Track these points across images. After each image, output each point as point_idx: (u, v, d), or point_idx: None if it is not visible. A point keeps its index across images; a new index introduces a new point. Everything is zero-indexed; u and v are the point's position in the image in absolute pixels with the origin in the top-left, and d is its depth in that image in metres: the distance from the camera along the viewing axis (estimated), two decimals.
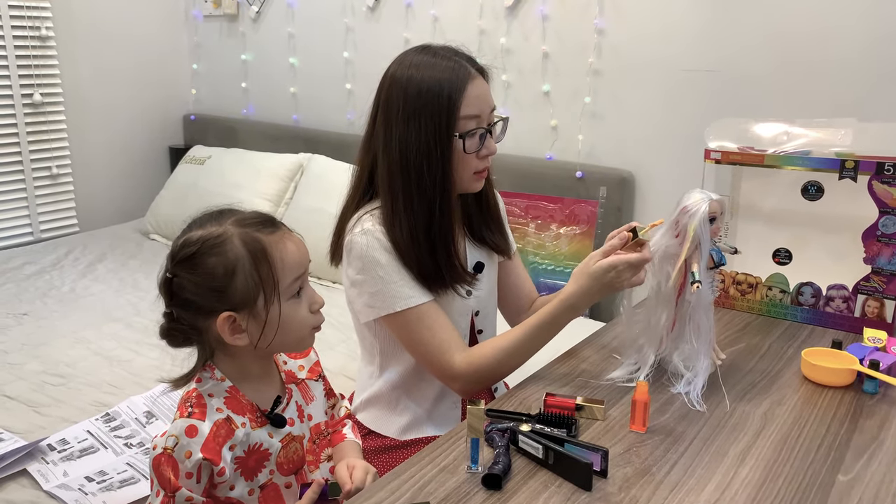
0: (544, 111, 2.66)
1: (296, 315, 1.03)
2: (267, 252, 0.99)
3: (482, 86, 1.31)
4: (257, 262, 0.98)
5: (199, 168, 3.34)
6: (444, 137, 1.28)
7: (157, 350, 2.14)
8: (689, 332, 1.26)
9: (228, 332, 0.99)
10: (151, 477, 0.98)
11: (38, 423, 1.75)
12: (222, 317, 0.98)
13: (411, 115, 1.28)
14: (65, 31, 3.34)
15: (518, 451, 1.06)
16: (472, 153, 1.30)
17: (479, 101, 1.29)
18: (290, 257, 1.01)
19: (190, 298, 0.99)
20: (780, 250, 1.60)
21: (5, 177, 3.23)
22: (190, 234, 1.00)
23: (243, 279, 0.98)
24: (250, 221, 1.01)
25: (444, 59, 1.30)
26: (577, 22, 2.52)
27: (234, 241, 0.98)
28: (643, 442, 1.11)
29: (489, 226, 1.46)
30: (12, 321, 2.35)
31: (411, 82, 1.29)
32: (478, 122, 1.30)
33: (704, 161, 1.65)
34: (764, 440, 1.12)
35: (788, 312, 1.60)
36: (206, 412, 1.00)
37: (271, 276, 0.99)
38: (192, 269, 0.98)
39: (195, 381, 1.04)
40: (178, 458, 0.96)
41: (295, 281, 1.02)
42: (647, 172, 2.49)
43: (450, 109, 1.27)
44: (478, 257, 1.45)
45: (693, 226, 1.21)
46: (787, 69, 2.18)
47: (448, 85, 1.27)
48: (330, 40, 3.22)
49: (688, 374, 1.26)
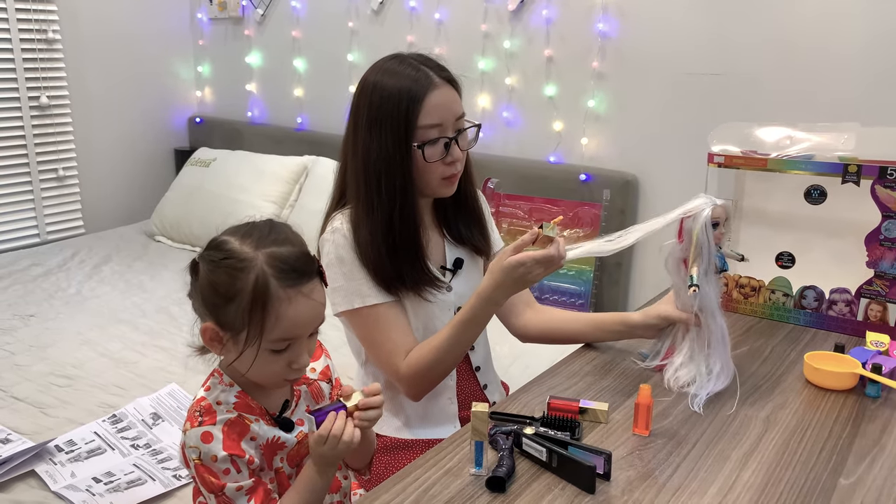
0: (548, 114, 2.67)
1: (268, 367, 1.01)
2: (268, 303, 0.97)
3: (445, 95, 1.30)
4: (254, 305, 0.97)
5: (205, 170, 3.35)
6: (402, 147, 1.30)
7: (162, 352, 2.15)
8: (703, 338, 1.27)
9: (208, 339, 1.02)
10: (201, 487, 1.02)
11: (45, 424, 1.76)
12: (206, 325, 1.01)
13: (373, 123, 1.31)
14: (71, 34, 3.36)
15: (522, 453, 1.07)
16: (434, 161, 1.31)
17: (441, 110, 1.29)
18: (287, 320, 0.99)
19: (197, 291, 1.03)
20: (784, 254, 1.61)
21: (12, 178, 3.25)
22: (231, 239, 1.01)
23: (235, 310, 0.98)
24: (279, 264, 0.99)
25: (408, 68, 1.31)
26: (580, 26, 2.53)
27: (249, 274, 0.98)
28: (646, 445, 1.12)
29: (468, 225, 1.46)
30: (19, 322, 2.36)
31: (375, 89, 1.32)
32: (440, 131, 1.30)
33: (708, 165, 1.65)
34: (766, 444, 1.12)
35: (791, 316, 1.60)
36: (215, 417, 1.02)
37: (260, 325, 0.98)
38: (209, 271, 1.00)
39: (204, 390, 1.06)
40: (208, 464, 0.99)
41: (282, 340, 1.00)
42: (651, 175, 2.49)
43: (408, 119, 1.28)
44: (459, 254, 1.46)
45: (696, 231, 1.22)
46: (790, 73, 2.19)
47: (407, 95, 1.28)
48: (334, 43, 3.23)
49: (701, 378, 1.27)
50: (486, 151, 2.77)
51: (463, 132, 1.34)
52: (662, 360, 1.34)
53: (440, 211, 1.45)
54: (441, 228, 1.45)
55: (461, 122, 1.34)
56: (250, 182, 3.14)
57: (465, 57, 2.81)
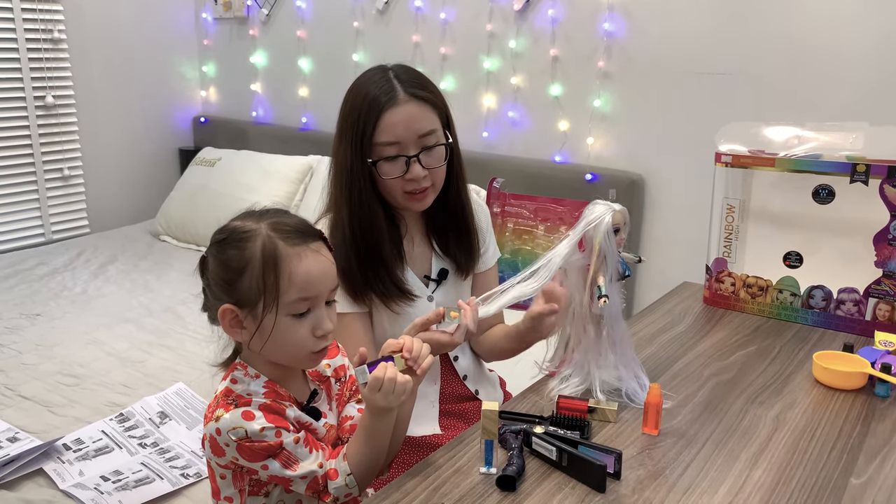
0: (553, 114, 2.66)
1: (292, 333, 1.01)
2: (278, 262, 0.99)
3: (407, 112, 1.29)
4: (266, 268, 0.99)
5: (210, 170, 3.35)
6: (358, 161, 1.30)
7: (169, 351, 2.16)
8: (605, 346, 1.25)
9: (227, 324, 1.02)
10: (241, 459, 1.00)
11: (52, 423, 1.76)
12: (222, 308, 1.01)
13: (341, 133, 1.33)
14: (77, 33, 3.36)
15: (531, 452, 1.07)
16: (392, 178, 1.31)
17: (398, 129, 1.28)
18: (299, 275, 1.00)
19: (210, 280, 1.04)
20: (791, 253, 1.60)
21: (17, 178, 3.25)
22: (233, 221, 1.05)
23: (249, 281, 1.00)
24: (283, 228, 1.02)
25: (379, 80, 1.31)
26: (586, 25, 2.53)
27: (255, 241, 1.00)
28: (656, 444, 1.11)
29: (456, 238, 1.44)
30: (26, 322, 2.37)
31: (346, 99, 1.33)
32: (398, 149, 1.29)
33: (715, 164, 1.65)
34: (776, 443, 1.12)
35: (799, 315, 1.60)
36: (250, 401, 1.03)
37: (275, 286, 0.99)
38: (217, 254, 1.02)
39: (230, 382, 1.06)
40: (256, 438, 0.98)
41: (301, 300, 1.01)
42: (657, 175, 2.49)
43: (363, 135, 1.29)
44: (445, 265, 1.45)
45: (598, 239, 1.19)
46: (798, 72, 2.19)
47: (366, 110, 1.29)
48: (339, 43, 3.23)
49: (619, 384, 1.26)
50: (492, 151, 2.78)
51: (428, 150, 1.31)
52: (558, 367, 1.31)
53: (430, 220, 1.44)
54: (429, 238, 1.45)
55: (426, 140, 1.31)
56: (255, 182, 3.14)
57: (471, 57, 2.81)
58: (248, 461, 1.00)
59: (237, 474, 1.05)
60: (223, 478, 1.06)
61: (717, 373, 1.36)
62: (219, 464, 1.04)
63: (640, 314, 1.68)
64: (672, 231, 2.49)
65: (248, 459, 1.00)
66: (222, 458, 1.02)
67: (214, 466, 1.06)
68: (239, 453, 1.00)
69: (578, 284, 1.24)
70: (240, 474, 1.05)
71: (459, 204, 1.43)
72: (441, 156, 1.34)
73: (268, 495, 1.09)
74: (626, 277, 1.27)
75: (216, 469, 1.06)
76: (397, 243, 1.38)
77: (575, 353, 1.28)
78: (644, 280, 2.57)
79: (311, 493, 1.04)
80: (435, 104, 1.33)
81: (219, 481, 1.07)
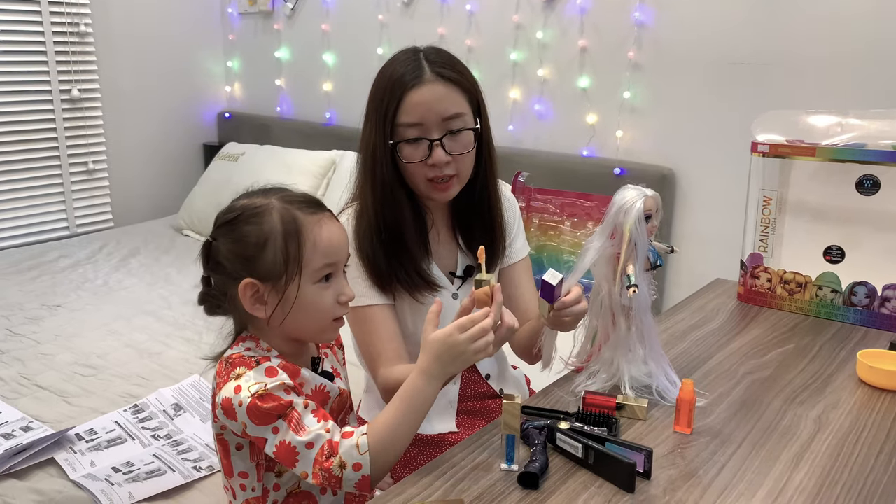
0: (581, 107, 2.60)
1: (318, 300, 1.02)
2: (300, 230, 0.99)
3: (432, 92, 1.22)
4: (288, 238, 0.99)
5: (233, 164, 3.34)
6: (381, 142, 1.25)
7: (187, 344, 2.13)
8: (633, 340, 1.18)
9: (249, 300, 1.00)
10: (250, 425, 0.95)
11: (67, 413, 1.74)
12: (245, 282, 0.99)
13: (368, 114, 1.28)
14: (103, 28, 3.37)
15: (555, 449, 1.02)
16: (413, 162, 1.25)
17: (421, 109, 1.22)
18: (323, 241, 1.01)
19: (222, 262, 1.01)
20: (832, 248, 1.53)
21: (43, 171, 3.26)
22: (236, 202, 1.04)
23: (272, 252, 0.98)
24: (295, 200, 1.03)
25: (408, 60, 1.25)
26: (616, 15, 2.47)
27: (272, 214, 1.00)
28: (688, 443, 1.05)
29: (481, 237, 1.36)
30: (46, 312, 2.36)
31: (375, 81, 1.28)
32: (421, 131, 1.23)
33: (751, 154, 1.58)
34: (819, 444, 1.05)
35: (840, 313, 1.52)
36: (269, 359, 1.01)
37: (299, 254, 0.99)
38: (230, 233, 1.01)
39: (244, 350, 1.03)
40: (275, 392, 0.96)
41: (324, 266, 1.01)
42: (689, 169, 2.42)
43: (386, 115, 1.23)
44: (471, 262, 1.38)
45: (629, 225, 1.12)
46: (839, 58, 2.10)
47: (391, 89, 1.23)
48: (364, 37, 3.19)
49: (649, 380, 1.19)
50: (517, 145, 2.73)
51: (453, 134, 1.25)
52: (584, 362, 1.25)
53: (456, 216, 1.38)
54: (455, 233, 1.38)
55: (451, 123, 1.24)
56: (278, 176, 3.06)
57: (497, 49, 2.76)
58: (258, 425, 0.95)
59: (253, 445, 1.01)
60: (239, 449, 1.02)
61: (753, 371, 1.30)
62: (234, 431, 1.00)
63: (670, 310, 1.61)
64: (703, 226, 2.42)
65: (257, 423, 0.95)
66: (237, 424, 0.97)
67: (229, 437, 1.02)
68: (249, 417, 0.95)
69: (607, 274, 1.18)
70: (256, 446, 1.01)
71: (486, 197, 1.35)
72: (468, 142, 1.27)
73: (280, 475, 1.05)
74: (657, 267, 1.20)
75: (231, 440, 1.02)
76: (423, 236, 1.33)
77: (603, 348, 1.22)
78: (674, 277, 2.49)
79: (321, 480, 0.96)
80: (464, 87, 1.27)
81: (233, 456, 1.03)
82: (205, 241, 1.04)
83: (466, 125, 1.26)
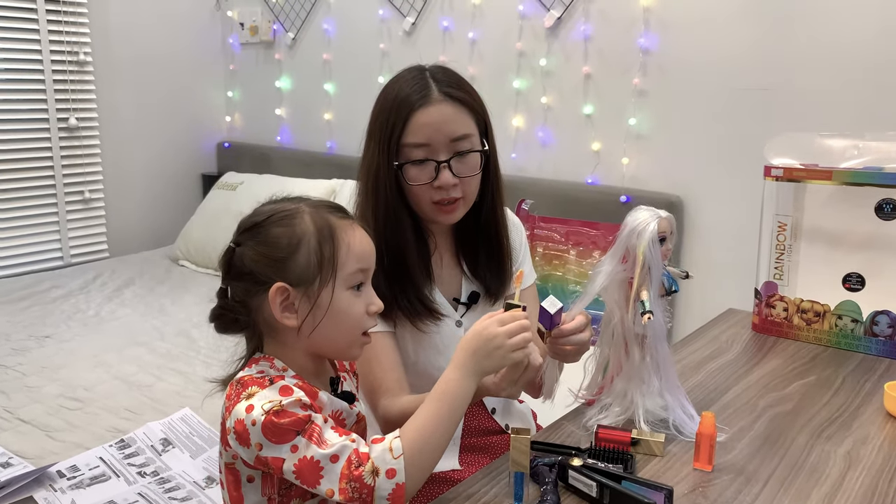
0: (586, 134, 2.56)
1: (350, 308, 0.97)
2: (335, 233, 0.96)
3: (439, 112, 1.19)
4: (322, 241, 0.95)
5: (231, 194, 3.29)
6: (385, 164, 1.20)
7: (178, 376, 2.05)
8: (648, 370, 1.11)
9: (279, 307, 0.93)
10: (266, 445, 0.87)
11: (50, 448, 1.66)
12: (275, 287, 0.92)
13: (370, 133, 1.24)
14: (103, 57, 3.35)
15: (567, 488, 0.95)
16: (419, 185, 1.20)
17: (429, 130, 1.18)
18: (357, 245, 0.97)
19: (248, 267, 0.95)
20: (851, 275, 1.46)
21: (38, 200, 3.21)
22: (262, 207, 1.00)
23: (306, 255, 0.94)
24: (324, 205, 1.00)
25: (413, 79, 1.21)
26: (620, 41, 2.44)
27: (304, 217, 0.96)
28: (710, 481, 0.98)
29: (486, 262, 1.32)
30: (34, 343, 2.28)
31: (378, 98, 1.24)
32: (427, 152, 1.19)
33: (764, 179, 1.52)
34: (851, 483, 0.98)
35: (861, 344, 1.45)
36: (283, 378, 0.94)
37: (333, 258, 0.95)
38: (257, 237, 0.96)
39: (256, 372, 0.96)
40: (291, 409, 0.88)
41: (357, 272, 0.97)
42: (697, 196, 2.37)
43: (391, 135, 1.19)
44: (475, 288, 1.33)
45: (642, 248, 1.06)
46: (850, 86, 2.06)
47: (396, 109, 1.19)
48: (365, 65, 3.17)
49: (665, 413, 1.12)
50: (521, 174, 2.68)
51: (461, 156, 1.20)
52: (596, 395, 1.18)
53: (461, 240, 1.32)
54: (459, 258, 1.33)
55: (459, 145, 1.20)
56: None
57: (500, 76, 2.73)
58: (275, 443, 0.86)
59: (267, 476, 0.93)
60: (251, 481, 0.93)
61: (774, 404, 1.23)
62: (245, 461, 0.91)
63: (682, 341, 1.54)
64: (713, 256, 2.35)
65: (274, 441, 0.86)
66: (250, 450, 0.88)
67: (241, 466, 0.93)
68: (265, 435, 0.86)
69: (619, 300, 1.11)
70: (269, 478, 0.93)
71: (494, 221, 1.31)
72: (475, 164, 1.23)
73: None
74: (672, 293, 1.14)
75: (242, 470, 0.93)
76: (425, 260, 1.27)
77: (615, 379, 1.14)
78: (683, 308, 2.42)
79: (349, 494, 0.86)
80: (472, 107, 1.23)
81: (244, 488, 0.94)
82: (226, 248, 0.98)
83: (474, 147, 1.22)
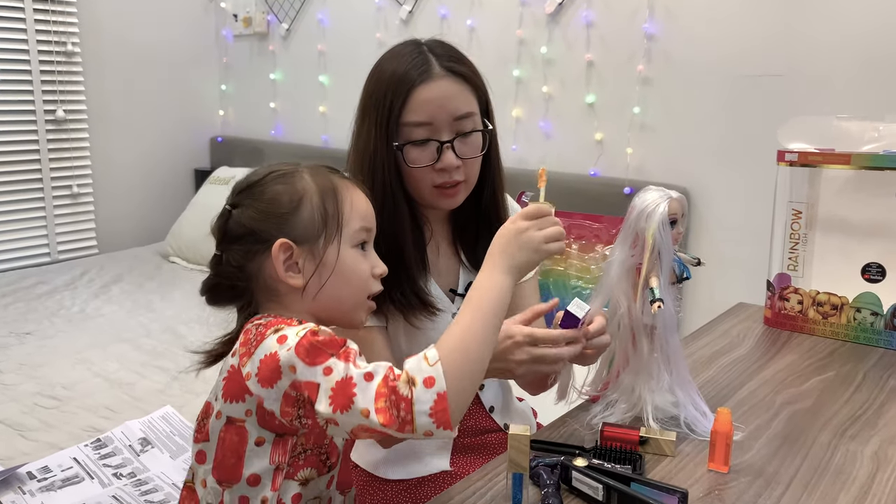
0: (588, 124, 2.49)
1: (357, 266, 0.94)
2: (337, 190, 0.93)
3: (441, 88, 1.11)
4: (325, 198, 0.92)
5: (224, 189, 3.20)
6: (383, 145, 1.12)
7: (162, 373, 1.98)
8: (657, 364, 1.03)
9: (283, 265, 0.89)
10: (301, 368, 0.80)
11: (22, 448, 1.59)
12: (279, 243, 0.88)
13: (364, 112, 1.16)
14: (92, 47, 3.28)
15: (570, 490, 0.87)
16: (420, 167, 1.12)
17: (431, 107, 1.11)
18: (361, 202, 0.95)
19: (248, 226, 0.91)
20: (871, 265, 1.38)
21: (24, 194, 3.14)
22: (258, 170, 0.97)
23: (309, 211, 0.91)
24: (321, 166, 0.97)
25: (412, 53, 1.14)
26: (624, 27, 2.37)
27: (304, 176, 0.93)
28: (727, 483, 0.90)
29: (485, 249, 1.23)
30: (14, 340, 2.21)
31: (372, 74, 1.17)
32: (429, 132, 1.11)
33: (777, 164, 1.44)
34: (881, 485, 0.90)
35: (882, 338, 1.37)
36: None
37: (338, 214, 0.92)
38: (257, 196, 0.92)
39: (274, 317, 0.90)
40: (323, 333, 0.82)
41: (361, 230, 0.94)
42: (704, 187, 2.30)
43: (390, 114, 1.11)
44: (472, 278, 1.24)
45: (651, 231, 0.98)
46: (866, 71, 1.98)
47: (394, 86, 1.11)
48: (361, 57, 3.07)
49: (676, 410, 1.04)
50: (521, 165, 2.61)
51: (464, 136, 1.13)
52: (600, 391, 1.10)
53: (458, 228, 1.25)
54: (456, 248, 1.25)
55: (462, 124, 1.13)
56: None
57: (499, 65, 2.66)
58: (309, 364, 0.79)
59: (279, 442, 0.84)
60: (259, 444, 0.84)
61: (792, 401, 1.15)
62: (269, 406, 0.82)
63: (691, 336, 1.46)
64: (722, 249, 2.28)
65: (308, 362, 0.79)
66: (274, 386, 0.81)
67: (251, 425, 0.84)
68: (298, 354, 0.79)
69: (626, 289, 1.03)
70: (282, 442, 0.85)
71: (494, 206, 1.23)
72: (478, 145, 1.16)
73: (305, 483, 0.87)
74: (684, 280, 1.05)
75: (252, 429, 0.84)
76: (421, 250, 1.19)
77: (622, 374, 1.06)
78: (690, 302, 2.34)
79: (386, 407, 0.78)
80: (475, 84, 1.16)
81: (248, 453, 0.85)
82: (221, 211, 0.94)
83: (476, 126, 1.15)
